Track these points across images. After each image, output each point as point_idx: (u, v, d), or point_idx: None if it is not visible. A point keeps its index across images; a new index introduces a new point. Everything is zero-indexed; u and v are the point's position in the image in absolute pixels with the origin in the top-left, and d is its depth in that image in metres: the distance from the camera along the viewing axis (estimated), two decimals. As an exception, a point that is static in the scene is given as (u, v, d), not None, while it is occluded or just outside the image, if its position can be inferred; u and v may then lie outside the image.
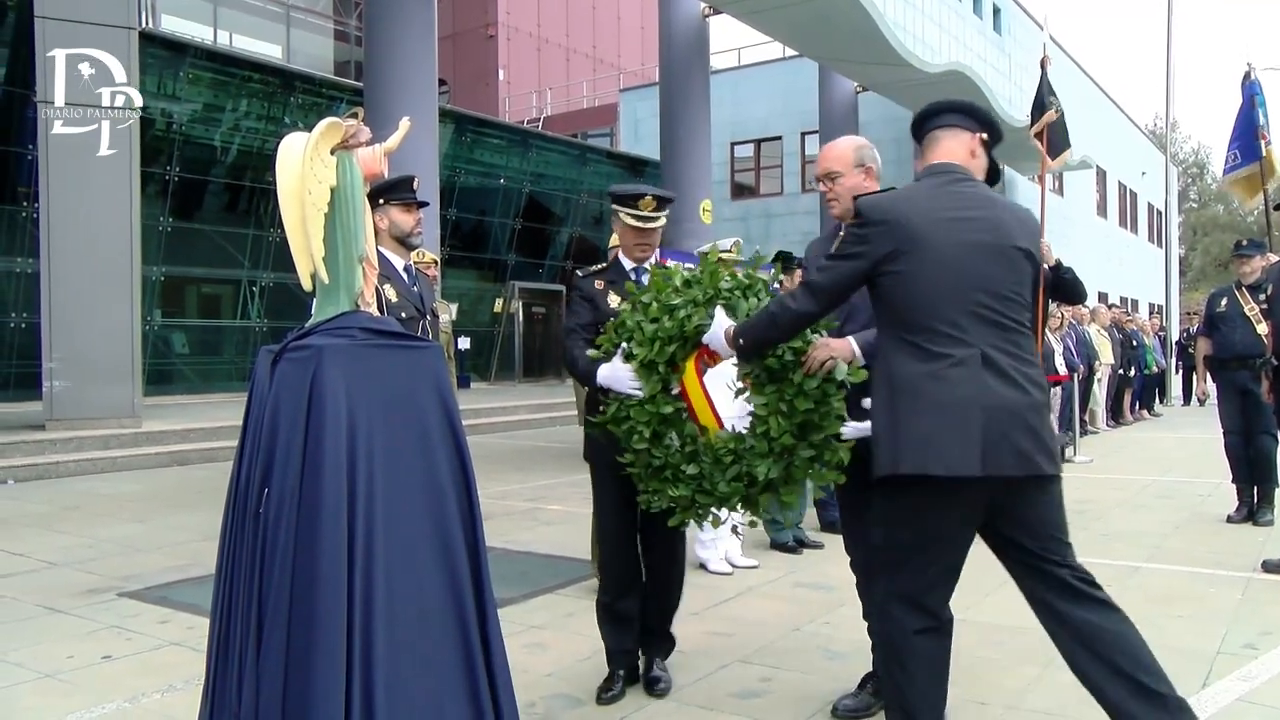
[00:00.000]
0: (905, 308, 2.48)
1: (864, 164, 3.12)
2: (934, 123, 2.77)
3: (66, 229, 9.86)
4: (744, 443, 2.87)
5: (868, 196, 2.68)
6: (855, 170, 3.10)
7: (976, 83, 16.69)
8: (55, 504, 7.65)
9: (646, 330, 3.00)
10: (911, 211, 2.52)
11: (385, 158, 2.56)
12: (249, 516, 2.31)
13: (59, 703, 3.42)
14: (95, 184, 9.89)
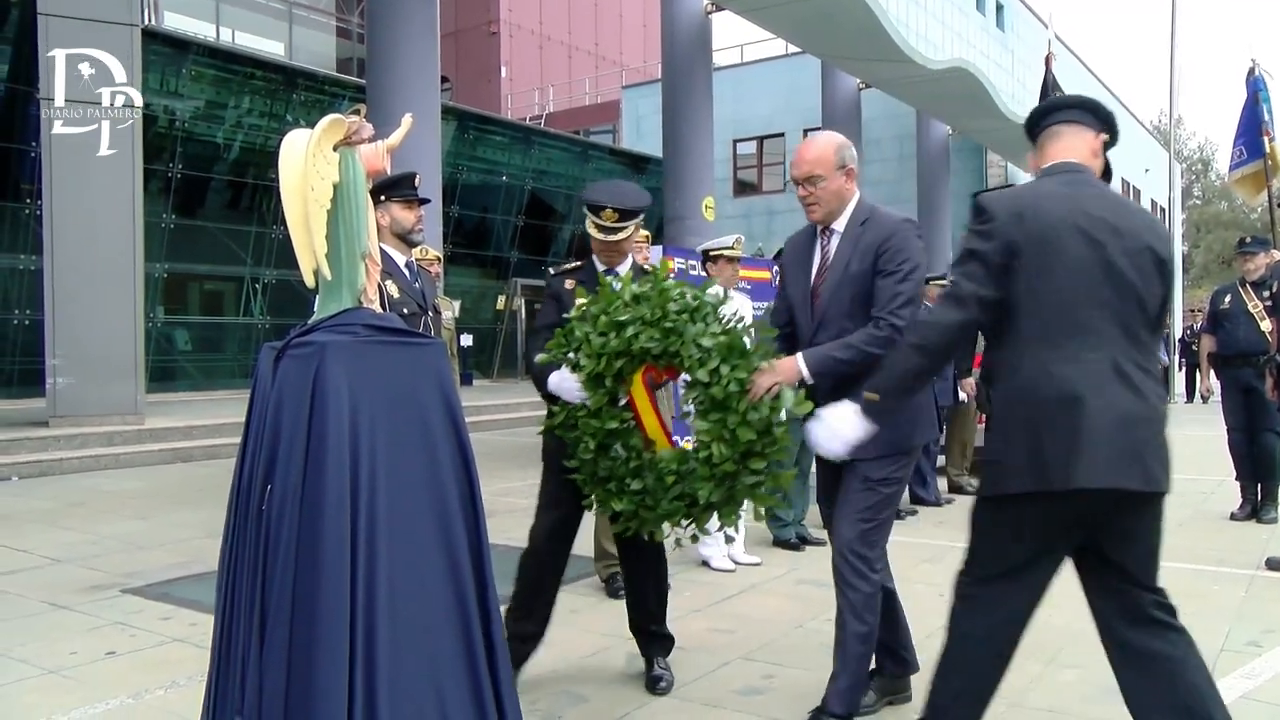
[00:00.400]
0: (1033, 310, 2.33)
1: (845, 165, 2.98)
2: (1056, 118, 2.60)
3: (69, 226, 9.87)
4: (687, 463, 2.83)
5: (989, 192, 2.53)
6: (838, 173, 2.95)
7: (980, 79, 16.66)
8: (59, 500, 7.66)
9: (594, 343, 2.93)
10: (1038, 208, 2.37)
11: (388, 154, 2.55)
12: (252, 513, 2.31)
13: (63, 699, 3.43)
14: (98, 181, 9.89)
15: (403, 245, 3.76)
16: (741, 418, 2.68)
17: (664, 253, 9.29)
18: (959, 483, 7.94)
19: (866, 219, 2.96)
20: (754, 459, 2.73)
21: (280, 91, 16.33)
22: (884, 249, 2.87)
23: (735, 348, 2.73)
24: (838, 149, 2.97)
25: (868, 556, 2.91)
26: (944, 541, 6.03)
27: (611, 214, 3.33)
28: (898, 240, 2.88)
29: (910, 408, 2.89)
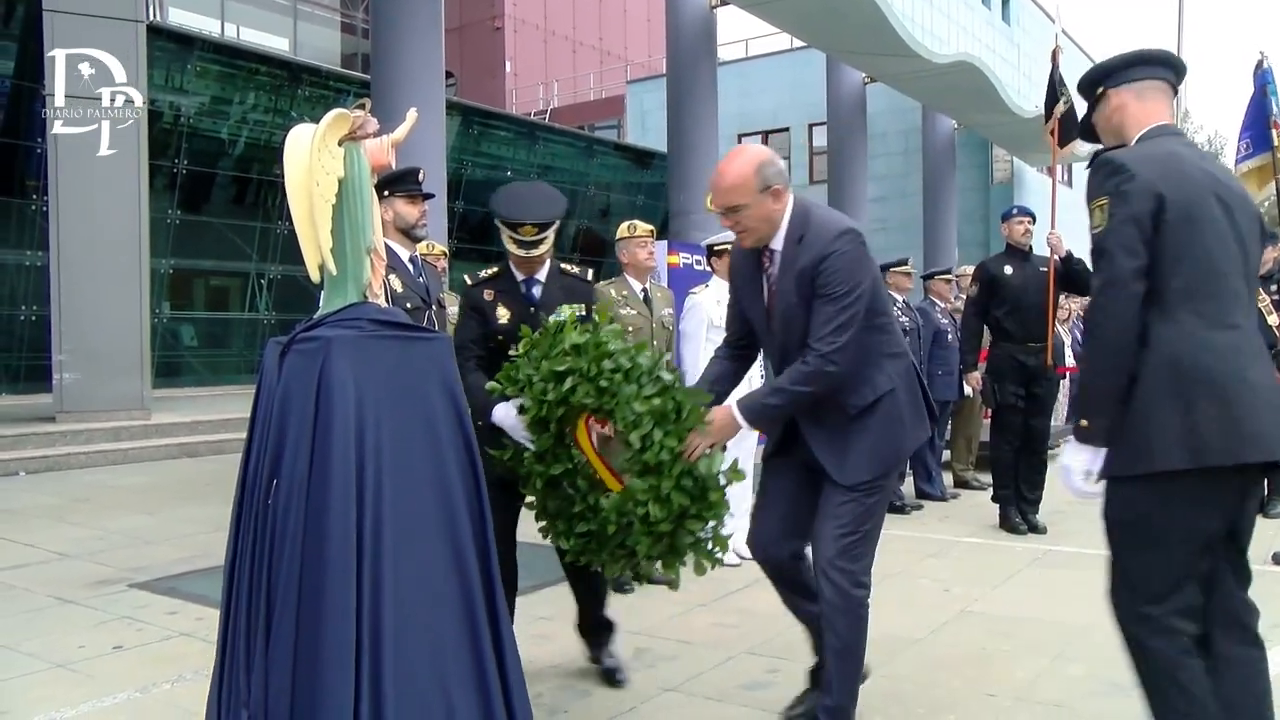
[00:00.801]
0: (1177, 274, 2.17)
1: (769, 185, 2.65)
2: (1149, 72, 2.40)
3: (75, 222, 9.89)
4: (626, 516, 2.72)
5: (1113, 151, 2.31)
6: (761, 196, 2.64)
7: (985, 73, 16.61)
8: (66, 496, 7.68)
9: (535, 388, 2.85)
10: (1180, 170, 2.22)
11: (393, 149, 2.55)
12: (258, 508, 2.31)
13: (71, 692, 3.44)
14: (103, 177, 9.91)
15: (406, 240, 3.76)
16: (675, 482, 2.59)
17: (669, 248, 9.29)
18: (964, 478, 7.93)
19: (803, 235, 2.69)
20: (690, 520, 2.64)
21: (285, 87, 16.33)
22: (819, 272, 2.62)
23: (667, 415, 2.62)
24: (757, 169, 2.65)
25: (851, 570, 2.71)
26: (948, 536, 6.03)
27: (531, 229, 3.22)
28: (832, 262, 2.61)
29: (892, 416, 2.74)
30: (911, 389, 2.81)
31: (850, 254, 2.61)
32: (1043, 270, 6.02)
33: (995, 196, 21.98)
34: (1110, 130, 2.47)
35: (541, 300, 3.39)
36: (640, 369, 2.70)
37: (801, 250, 2.65)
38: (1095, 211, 2.25)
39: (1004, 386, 6.06)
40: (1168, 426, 2.14)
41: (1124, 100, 2.42)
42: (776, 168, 2.67)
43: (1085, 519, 6.53)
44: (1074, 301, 11.08)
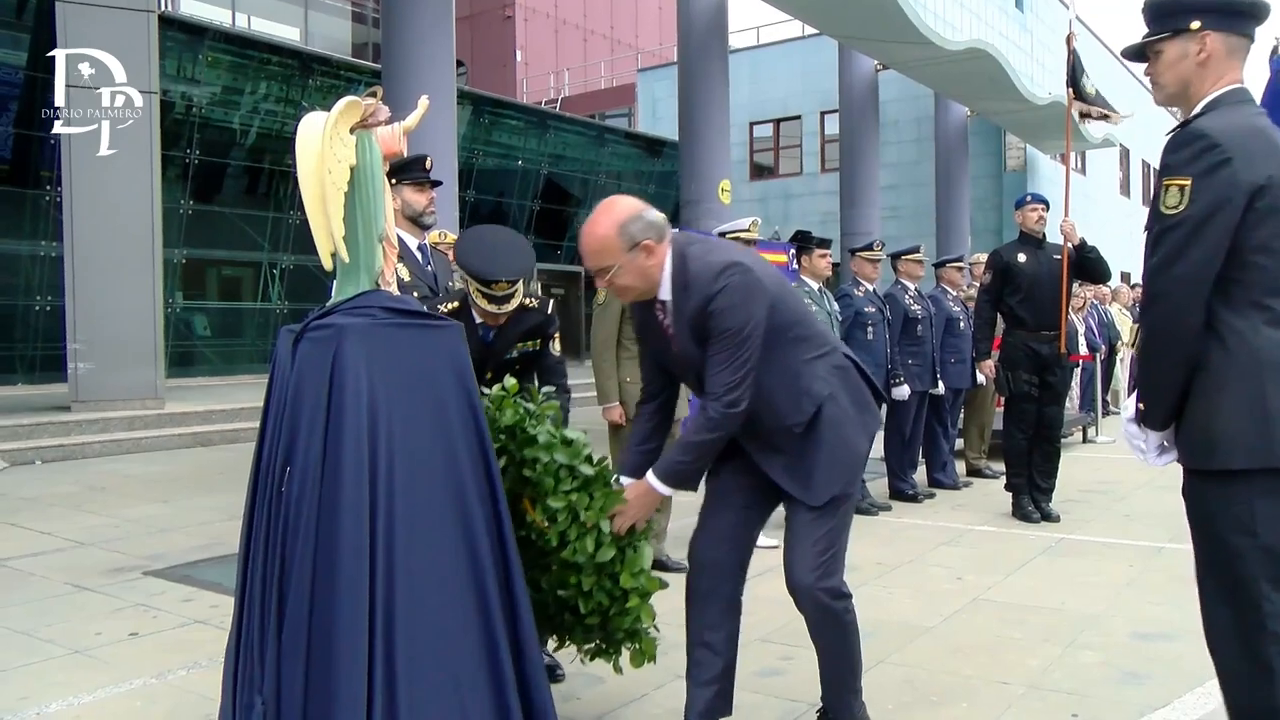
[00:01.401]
0: (1257, 266, 2.03)
1: (638, 242, 2.46)
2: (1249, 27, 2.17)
3: (89, 213, 9.92)
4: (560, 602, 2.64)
5: (1201, 123, 2.09)
6: (631, 254, 2.46)
7: (999, 60, 16.49)
8: (81, 484, 7.73)
9: None
10: (1263, 149, 2.03)
11: (404, 136, 2.55)
12: (271, 494, 2.32)
13: (88, 678, 3.47)
14: (116, 168, 9.92)
15: (415, 228, 3.77)
16: (595, 580, 2.54)
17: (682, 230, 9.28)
18: (977, 466, 7.92)
19: (685, 283, 2.52)
20: (615, 618, 2.59)
21: (296, 77, 16.33)
22: (708, 316, 2.47)
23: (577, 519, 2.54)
24: (620, 229, 2.46)
25: (830, 587, 2.64)
26: (960, 525, 6.02)
27: (505, 285, 3.16)
28: (718, 304, 2.45)
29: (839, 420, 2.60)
30: (849, 383, 2.67)
31: (734, 290, 2.45)
32: (1056, 258, 5.99)
33: (1008, 184, 21.86)
34: (1176, 75, 2.19)
35: (496, 341, 3.37)
36: (555, 465, 2.57)
37: (688, 297, 2.50)
38: (1171, 190, 2.06)
39: (1017, 375, 6.04)
40: (1240, 424, 2.03)
41: (1216, 49, 2.13)
42: (644, 222, 2.49)
43: (1098, 507, 6.53)
44: (1087, 289, 11.03)
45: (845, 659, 2.73)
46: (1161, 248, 2.08)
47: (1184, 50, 2.16)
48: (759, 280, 2.49)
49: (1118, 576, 4.75)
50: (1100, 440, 10.26)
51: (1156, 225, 2.11)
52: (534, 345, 3.44)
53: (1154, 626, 3.94)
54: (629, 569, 2.55)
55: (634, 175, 23.28)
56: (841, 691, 2.76)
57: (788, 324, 2.57)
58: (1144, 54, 2.25)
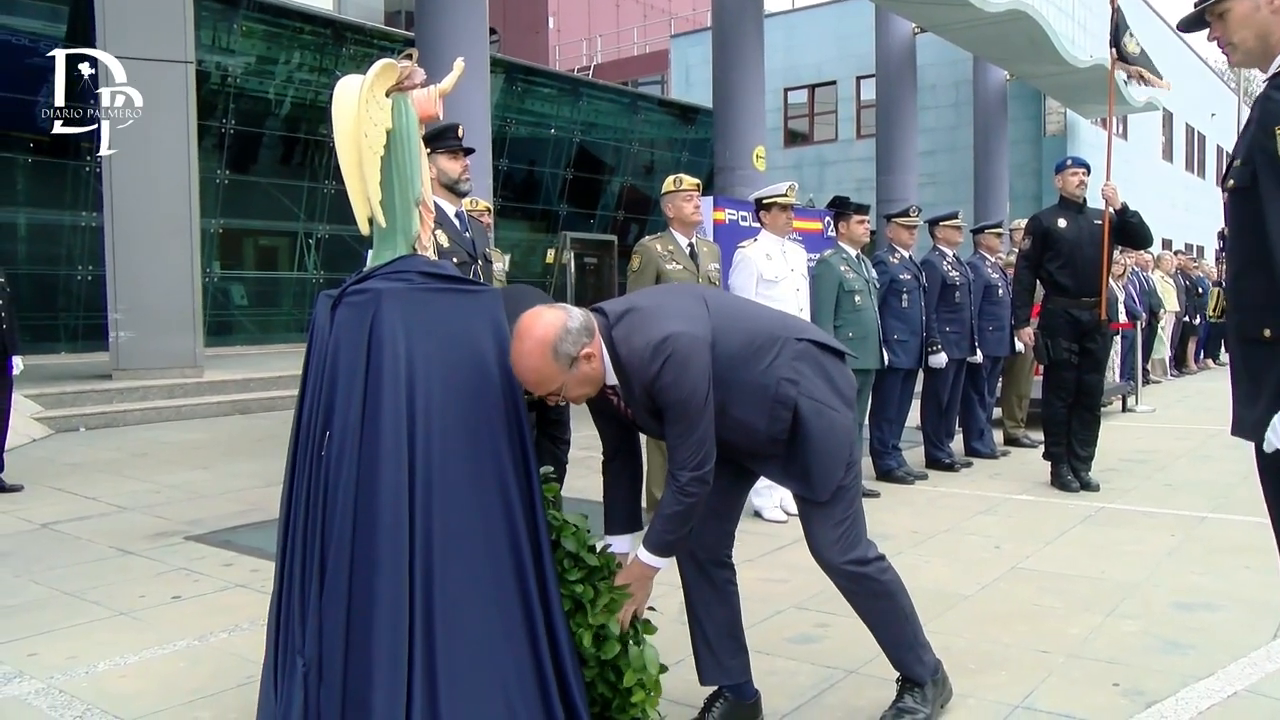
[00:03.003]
0: None
1: (572, 356, 2.33)
2: None
3: (127, 183, 10.03)
4: None
5: None
6: (569, 371, 2.35)
7: (1039, 22, 16.14)
8: (124, 451, 7.86)
9: None
10: None
11: (440, 99, 2.53)
12: (312, 458, 2.33)
13: (134, 638, 3.54)
14: (154, 139, 10.01)
15: (451, 195, 3.77)
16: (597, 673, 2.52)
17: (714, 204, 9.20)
18: (1014, 435, 7.84)
19: (624, 374, 2.44)
20: (618, 711, 2.54)
21: (330, 46, 16.35)
22: (653, 397, 2.41)
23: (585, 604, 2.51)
24: (554, 354, 2.32)
25: (856, 557, 2.64)
26: (998, 494, 5.97)
27: None
28: (660, 386, 2.37)
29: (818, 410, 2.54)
30: (811, 362, 2.58)
31: (672, 366, 2.35)
32: (1097, 224, 5.87)
33: (1048, 149, 21.47)
34: (1252, 29, 2.09)
35: None
36: (562, 554, 2.53)
37: (631, 382, 2.43)
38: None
39: (1057, 342, 5.94)
40: None
41: None
42: (571, 333, 2.33)
43: (1139, 477, 6.44)
44: (1129, 256, 10.85)
45: (896, 618, 2.72)
46: None
47: (1255, 2, 2.06)
48: (693, 340, 2.39)
49: (1158, 546, 4.69)
50: (1140, 410, 10.12)
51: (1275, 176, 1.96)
52: None
53: (1196, 596, 3.89)
54: (634, 665, 2.52)
55: (667, 143, 23.15)
56: (904, 650, 2.74)
57: (737, 348, 2.49)
58: (1203, 20, 2.16)
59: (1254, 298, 2.08)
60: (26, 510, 5.69)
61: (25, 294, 13.46)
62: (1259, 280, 2.05)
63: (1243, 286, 2.13)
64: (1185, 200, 29.50)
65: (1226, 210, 2.17)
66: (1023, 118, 21.77)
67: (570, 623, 2.52)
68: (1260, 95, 2.03)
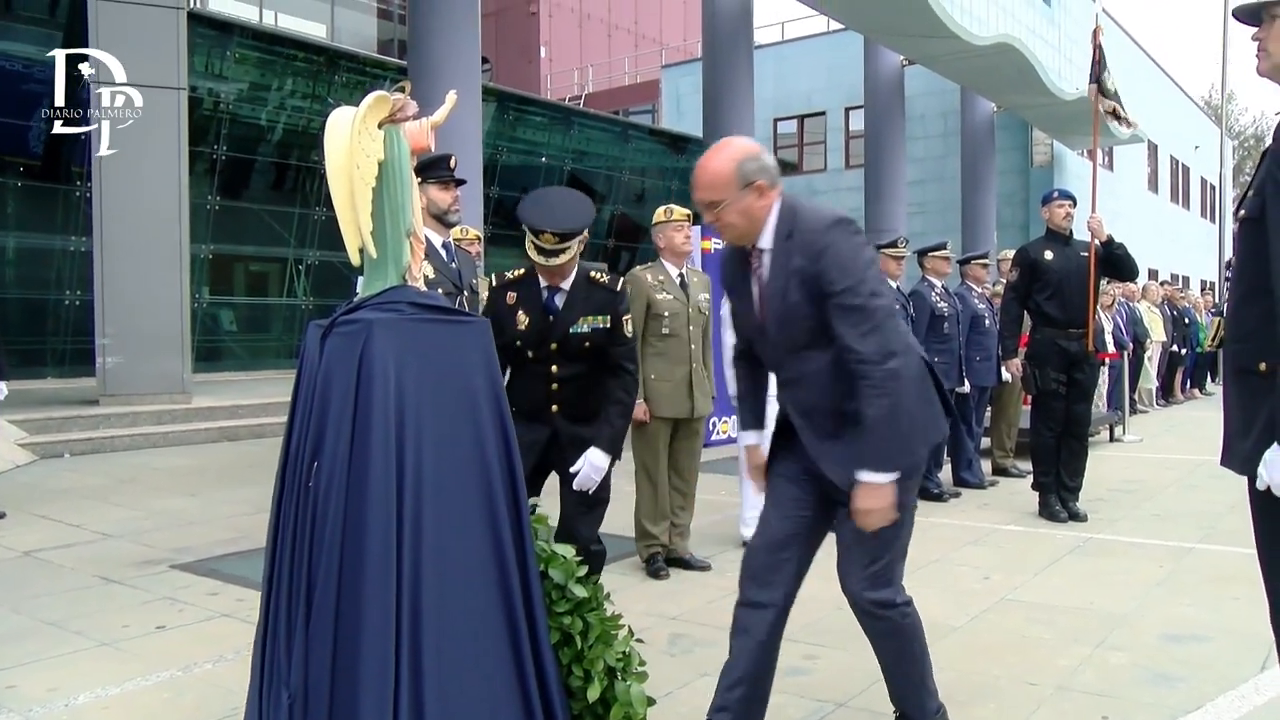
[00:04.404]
0: None
1: (750, 180, 2.43)
2: None
3: (118, 208, 10.02)
4: None
5: None
6: (743, 192, 2.42)
7: (1026, 55, 16.35)
8: (110, 477, 7.81)
9: None
10: None
11: (432, 132, 2.55)
12: (299, 489, 2.33)
13: (116, 669, 3.50)
14: (146, 163, 10.02)
15: (440, 226, 3.79)
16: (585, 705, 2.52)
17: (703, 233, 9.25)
18: (1003, 465, 7.85)
19: (791, 231, 2.46)
20: None
21: (323, 73, 16.42)
22: (820, 271, 2.38)
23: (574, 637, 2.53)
24: (739, 165, 2.43)
25: (885, 599, 2.56)
26: (987, 524, 5.97)
27: (551, 237, 3.17)
28: (831, 256, 2.37)
29: (906, 415, 2.42)
30: (920, 381, 2.57)
31: (847, 242, 2.39)
32: (1084, 255, 5.93)
33: (1035, 179, 21.66)
34: None
35: (562, 311, 3.37)
36: (550, 585, 2.52)
37: (792, 247, 2.43)
38: None
39: (1045, 372, 5.97)
40: None
41: None
42: (761, 163, 2.46)
43: (1126, 506, 6.46)
44: (1115, 286, 10.93)
45: (906, 659, 2.66)
46: None
47: None
48: (866, 241, 2.47)
49: (1147, 576, 4.70)
50: (1128, 439, 10.15)
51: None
52: (604, 322, 3.36)
53: (1185, 627, 3.89)
54: (620, 699, 2.52)
55: (658, 171, 23.25)
56: (909, 691, 2.70)
57: None
58: (1259, 16, 2.11)
59: (1253, 328, 2.09)
60: (9, 538, 5.63)
61: (13, 318, 13.43)
62: (1258, 310, 2.05)
63: (1243, 315, 2.14)
64: (1171, 231, 29.77)
65: (1236, 239, 2.18)
66: (1010, 148, 21.99)
67: (559, 655, 2.51)
68: (1277, 127, 2.03)
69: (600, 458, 3.34)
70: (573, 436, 3.41)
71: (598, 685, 2.51)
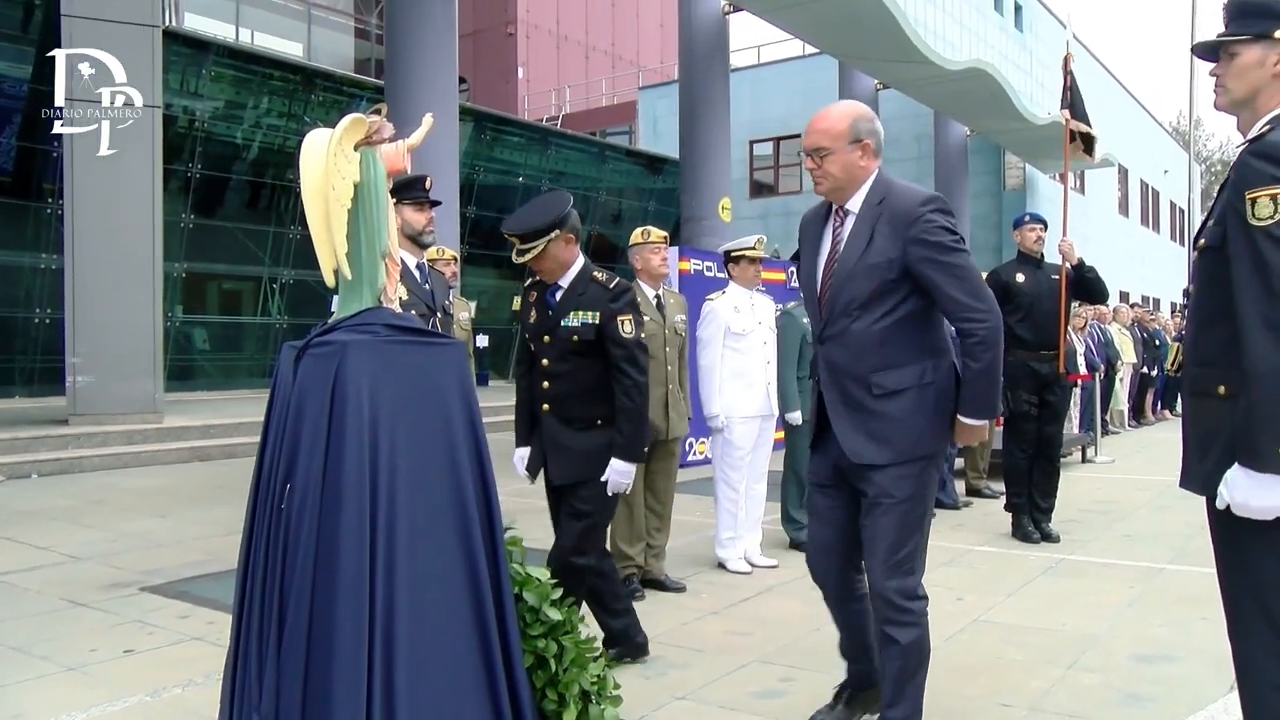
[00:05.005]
0: None
1: (860, 138, 2.67)
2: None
3: (90, 226, 9.94)
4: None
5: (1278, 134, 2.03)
6: (850, 147, 2.66)
7: (998, 80, 16.58)
8: (79, 498, 7.71)
9: None
10: None
11: (408, 154, 2.55)
12: (271, 511, 2.31)
13: (83, 695, 3.44)
14: (118, 181, 9.96)
15: (414, 247, 3.79)
16: None
17: (680, 254, 9.28)
18: (976, 486, 7.90)
19: (884, 198, 2.68)
20: None
21: (299, 92, 16.40)
22: (918, 235, 2.59)
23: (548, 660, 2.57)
24: (853, 121, 2.68)
25: (905, 587, 2.67)
26: (960, 545, 6.00)
27: (515, 239, 3.41)
28: (929, 220, 2.60)
29: (925, 409, 2.68)
30: (943, 393, 2.73)
31: (944, 218, 2.63)
32: (1055, 278, 6.00)
33: (1008, 203, 21.92)
34: (1246, 82, 2.14)
35: (557, 306, 3.53)
36: (525, 607, 2.55)
37: (883, 211, 2.65)
38: (1263, 201, 1.97)
39: (1017, 394, 6.03)
40: None
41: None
42: (873, 127, 2.69)
43: (1098, 527, 6.51)
44: (1086, 309, 11.05)
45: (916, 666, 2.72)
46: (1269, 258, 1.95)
47: (1262, 58, 2.11)
48: None
49: (1118, 597, 4.74)
50: (1100, 460, 10.24)
51: (1246, 239, 2.01)
52: (593, 318, 3.45)
53: (1155, 648, 3.92)
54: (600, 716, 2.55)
55: (635, 192, 23.34)
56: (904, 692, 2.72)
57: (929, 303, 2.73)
58: (1217, 52, 2.18)
59: (1213, 353, 2.14)
60: (-25, 560, 5.55)
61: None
62: (1218, 336, 2.10)
63: (1203, 341, 2.19)
64: (1142, 254, 30.16)
65: (1195, 267, 2.24)
66: (983, 172, 22.24)
67: (536, 676, 2.50)
68: (1238, 159, 2.09)
69: (619, 464, 3.46)
70: (555, 441, 3.53)
71: (573, 709, 2.50)
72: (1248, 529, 2.07)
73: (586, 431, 3.47)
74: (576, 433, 3.48)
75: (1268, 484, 1.98)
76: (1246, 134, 2.15)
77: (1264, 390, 1.95)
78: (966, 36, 16.97)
